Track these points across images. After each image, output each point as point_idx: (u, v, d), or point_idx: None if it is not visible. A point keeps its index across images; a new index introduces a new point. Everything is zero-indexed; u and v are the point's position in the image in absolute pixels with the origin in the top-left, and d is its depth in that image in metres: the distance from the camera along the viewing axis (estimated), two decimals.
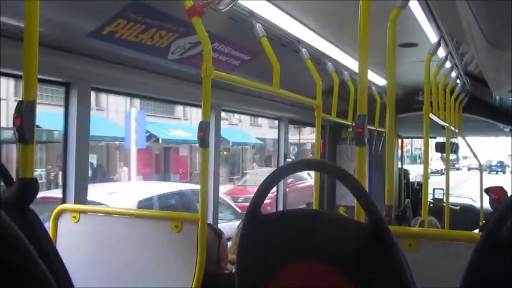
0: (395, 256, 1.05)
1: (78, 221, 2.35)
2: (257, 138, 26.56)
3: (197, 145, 2.19)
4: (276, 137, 5.22)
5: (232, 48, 3.23)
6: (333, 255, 1.07)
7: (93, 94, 2.78)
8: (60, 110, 2.84)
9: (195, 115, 22.47)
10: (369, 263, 1.06)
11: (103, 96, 18.52)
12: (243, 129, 27.28)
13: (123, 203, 6.63)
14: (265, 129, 26.30)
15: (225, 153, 24.64)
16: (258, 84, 2.77)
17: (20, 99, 1.50)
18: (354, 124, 4.15)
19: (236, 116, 24.01)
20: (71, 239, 2.34)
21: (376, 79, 5.06)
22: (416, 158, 32.13)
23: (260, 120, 25.70)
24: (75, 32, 2.38)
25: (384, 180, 2.33)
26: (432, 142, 6.58)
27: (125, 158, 17.61)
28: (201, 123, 2.14)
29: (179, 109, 22.81)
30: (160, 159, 22.45)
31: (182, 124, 22.66)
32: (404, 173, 7.62)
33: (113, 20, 2.35)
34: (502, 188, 5.85)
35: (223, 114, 3.91)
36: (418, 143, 23.81)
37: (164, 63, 2.96)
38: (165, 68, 3.05)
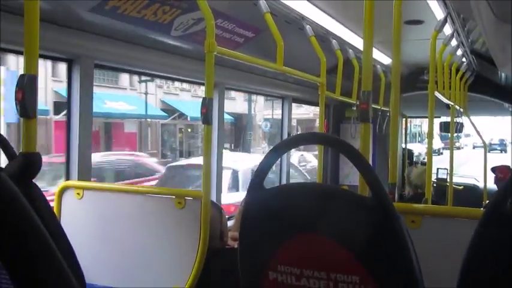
0: (399, 229, 1.05)
1: (81, 197, 2.36)
2: (228, 113, 23.42)
3: (149, 120, 2.18)
4: (247, 111, 5.20)
5: (236, 25, 3.20)
6: (337, 229, 1.08)
7: None
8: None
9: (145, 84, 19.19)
10: (372, 236, 1.06)
11: None
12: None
13: None
14: (239, 103, 22.18)
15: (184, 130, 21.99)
16: (262, 61, 2.75)
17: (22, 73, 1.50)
18: (357, 102, 4.14)
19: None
20: (74, 216, 2.35)
21: (381, 57, 5.02)
22: (416, 136, 31.77)
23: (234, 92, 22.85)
24: (76, 7, 2.36)
25: (388, 160, 2.32)
26: (436, 122, 6.56)
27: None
28: (204, 99, 2.13)
29: (125, 78, 19.49)
30: (99, 136, 18.18)
31: (128, 95, 19.19)
32: (408, 153, 7.61)
33: None
34: (508, 167, 5.85)
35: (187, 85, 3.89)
36: (417, 120, 23.04)
37: (167, 40, 2.94)
38: (168, 44, 3.02)
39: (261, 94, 5.78)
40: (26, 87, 1.47)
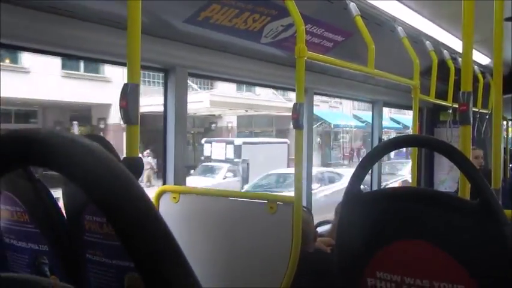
0: (508, 236, 0.98)
1: (177, 201, 2.45)
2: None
3: None
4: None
5: (325, 29, 3.18)
6: (441, 235, 1.03)
7: None
8: None
9: None
10: (480, 244, 1.00)
11: None
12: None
13: None
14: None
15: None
16: (352, 64, 2.71)
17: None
18: (452, 105, 3.93)
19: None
20: (171, 219, 2.45)
21: (479, 57, 4.76)
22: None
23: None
24: (172, 19, 2.47)
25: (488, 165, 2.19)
26: None
27: None
28: (295, 104, 2.13)
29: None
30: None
31: None
32: (511, 156, 7.13)
33: (208, 5, 2.40)
34: None
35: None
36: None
37: (257, 47, 2.99)
38: (258, 51, 3.07)
39: (350, 99, 5.70)
40: (130, 95, 1.56)
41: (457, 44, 4.04)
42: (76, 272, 1.59)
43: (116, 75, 16.63)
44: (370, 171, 4.82)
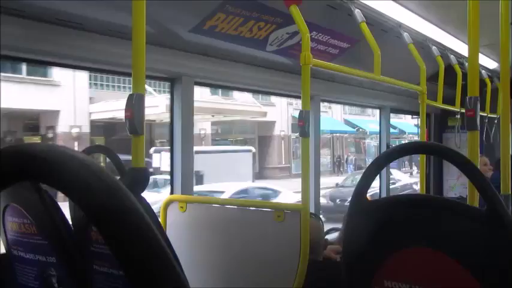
0: None
1: (185, 210, 2.45)
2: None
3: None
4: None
5: (331, 36, 3.18)
6: (450, 243, 1.01)
7: None
8: None
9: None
10: (489, 251, 0.99)
11: None
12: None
13: None
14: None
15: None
16: (358, 71, 2.70)
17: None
18: (460, 110, 3.90)
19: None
20: (179, 228, 2.44)
21: (486, 62, 4.73)
22: None
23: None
24: (177, 29, 2.48)
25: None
26: None
27: None
28: (301, 112, 2.13)
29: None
30: None
31: None
32: None
33: (214, 14, 2.41)
34: None
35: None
36: None
37: (262, 55, 2.99)
38: (264, 59, 3.08)
39: (357, 105, 5.68)
40: (135, 106, 1.56)
41: (464, 49, 4.02)
42: (83, 283, 1.59)
43: (66, 79, 15.21)
44: (380, 181, 4.81)
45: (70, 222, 1.68)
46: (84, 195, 0.41)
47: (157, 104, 13.58)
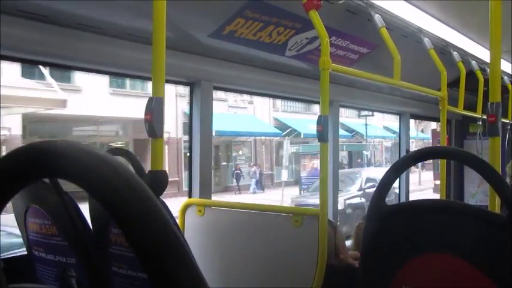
0: None
1: (203, 214, 2.45)
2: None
3: None
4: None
5: (350, 41, 3.17)
6: (469, 250, 1.00)
7: None
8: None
9: None
10: (509, 258, 0.97)
11: None
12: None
13: None
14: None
15: None
16: (378, 76, 2.69)
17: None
18: (482, 116, 3.85)
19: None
20: (197, 232, 2.45)
21: (508, 67, 4.66)
22: None
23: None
24: (197, 34, 2.50)
25: None
26: None
27: None
28: (319, 117, 2.13)
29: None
30: None
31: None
32: None
33: (233, 19, 2.42)
34: None
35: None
36: None
37: (282, 60, 2.99)
38: (283, 64, 3.08)
39: (376, 111, 5.64)
40: (154, 109, 1.58)
41: (485, 55, 3.97)
42: (102, 284, 1.60)
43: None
44: (399, 185, 4.76)
45: (90, 224, 1.71)
46: (105, 191, 0.41)
47: None
